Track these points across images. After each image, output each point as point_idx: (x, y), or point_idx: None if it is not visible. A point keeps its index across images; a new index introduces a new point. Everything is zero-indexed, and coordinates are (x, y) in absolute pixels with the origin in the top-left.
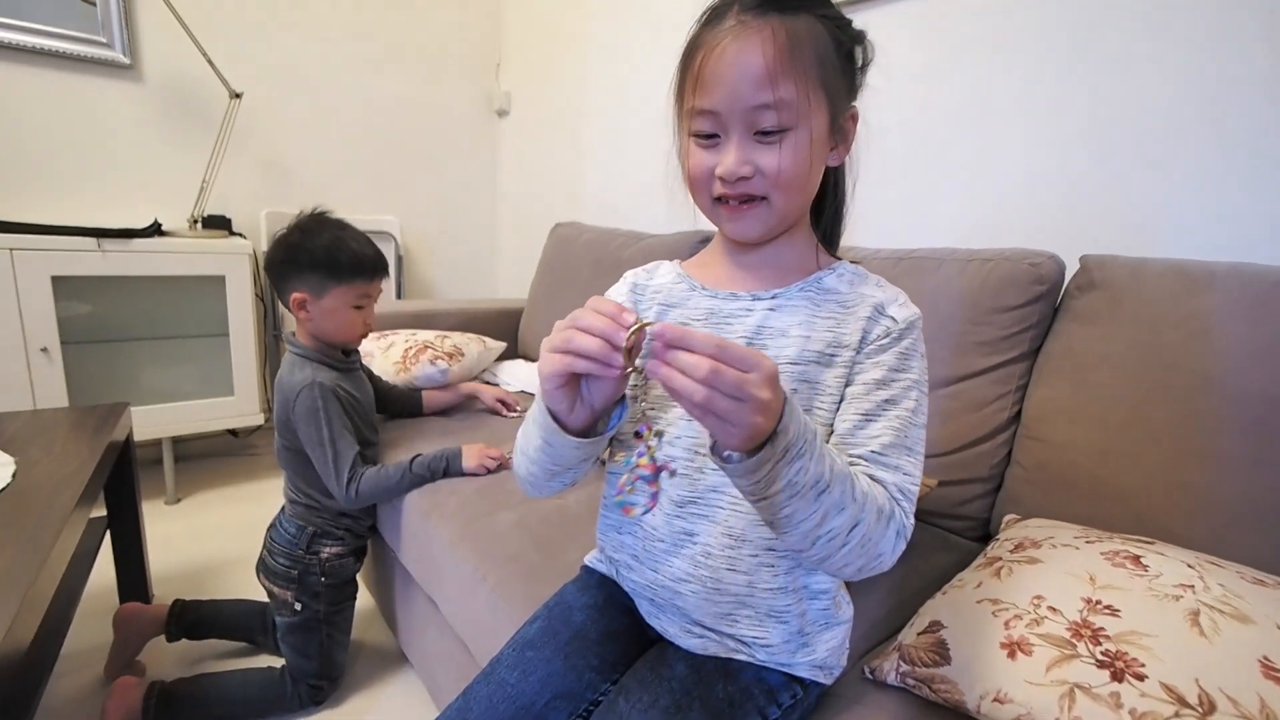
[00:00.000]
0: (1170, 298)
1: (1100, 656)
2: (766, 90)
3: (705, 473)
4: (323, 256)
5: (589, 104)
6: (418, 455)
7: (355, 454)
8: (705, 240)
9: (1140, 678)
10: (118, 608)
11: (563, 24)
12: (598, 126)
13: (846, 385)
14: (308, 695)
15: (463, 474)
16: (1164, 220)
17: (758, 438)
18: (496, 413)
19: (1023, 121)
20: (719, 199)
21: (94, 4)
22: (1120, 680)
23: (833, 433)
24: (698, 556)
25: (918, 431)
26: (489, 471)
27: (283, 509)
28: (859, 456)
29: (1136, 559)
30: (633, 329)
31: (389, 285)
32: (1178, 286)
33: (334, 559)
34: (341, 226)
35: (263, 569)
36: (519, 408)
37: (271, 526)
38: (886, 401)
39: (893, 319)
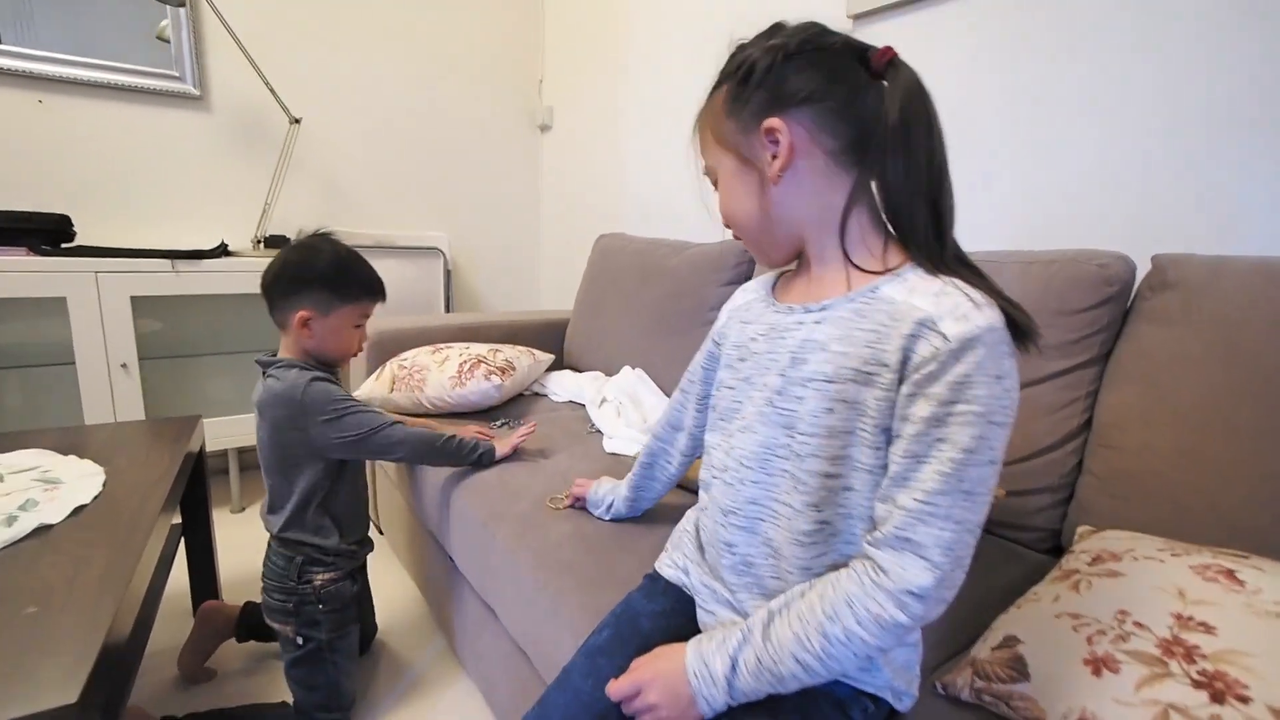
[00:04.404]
0: (1256, 296)
1: (1196, 676)
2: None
3: (745, 485)
4: (332, 275)
5: (629, 116)
6: (452, 436)
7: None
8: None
9: (1244, 700)
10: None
11: (602, 40)
12: (638, 138)
13: (897, 417)
14: None
15: (494, 463)
16: (1230, 218)
17: (691, 707)
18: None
19: (1078, 118)
20: None
21: (168, 41)
22: (1221, 702)
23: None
24: (739, 566)
25: (980, 471)
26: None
27: (269, 543)
28: (902, 507)
29: (1231, 573)
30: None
31: (439, 298)
32: (1264, 284)
33: (328, 584)
34: (343, 246)
35: (265, 609)
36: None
37: (263, 563)
38: (939, 441)
39: (943, 336)
